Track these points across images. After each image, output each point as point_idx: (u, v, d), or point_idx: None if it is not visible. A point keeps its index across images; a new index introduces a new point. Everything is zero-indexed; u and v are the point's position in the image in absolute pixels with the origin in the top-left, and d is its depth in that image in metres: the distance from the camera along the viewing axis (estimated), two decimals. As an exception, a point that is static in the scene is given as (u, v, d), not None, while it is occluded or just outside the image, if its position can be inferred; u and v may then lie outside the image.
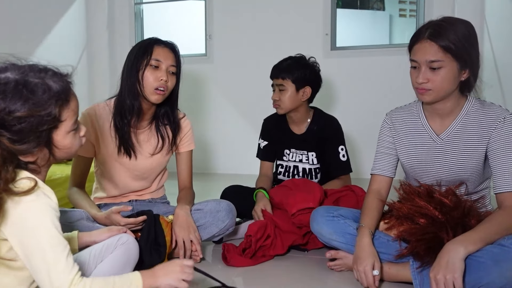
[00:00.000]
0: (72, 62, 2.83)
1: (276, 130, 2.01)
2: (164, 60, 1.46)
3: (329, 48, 3.39)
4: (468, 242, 1.11)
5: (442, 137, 1.33)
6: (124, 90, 1.48)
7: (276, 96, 1.88)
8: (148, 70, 1.45)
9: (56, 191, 2.54)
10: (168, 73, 1.47)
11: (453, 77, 1.21)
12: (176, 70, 1.50)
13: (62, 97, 0.87)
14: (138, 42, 1.53)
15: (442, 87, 1.22)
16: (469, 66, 1.22)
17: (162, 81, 1.44)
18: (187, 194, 1.63)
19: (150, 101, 1.47)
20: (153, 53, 1.46)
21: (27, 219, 0.81)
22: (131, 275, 0.91)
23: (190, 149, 1.68)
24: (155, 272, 0.94)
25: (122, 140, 1.51)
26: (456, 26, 1.20)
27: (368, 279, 1.22)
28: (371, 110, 3.28)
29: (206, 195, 1.91)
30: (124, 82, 1.49)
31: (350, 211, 1.48)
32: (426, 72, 1.22)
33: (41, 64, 0.89)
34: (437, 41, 1.18)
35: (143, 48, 1.48)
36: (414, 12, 3.79)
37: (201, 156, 3.65)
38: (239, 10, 3.59)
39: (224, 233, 1.60)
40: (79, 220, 1.39)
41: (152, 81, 1.44)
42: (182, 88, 1.59)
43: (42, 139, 0.85)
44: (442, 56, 1.18)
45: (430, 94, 1.24)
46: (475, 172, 1.30)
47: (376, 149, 1.47)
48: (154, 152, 1.58)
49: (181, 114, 1.65)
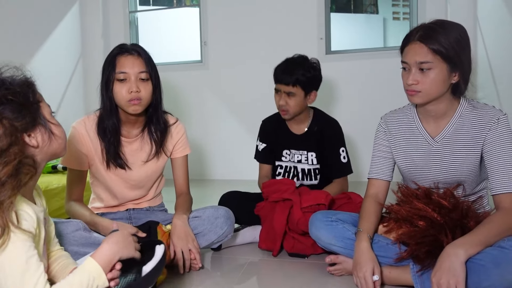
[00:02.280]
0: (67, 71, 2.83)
1: (275, 131, 2.00)
2: (131, 70, 1.40)
3: (324, 52, 3.41)
4: (468, 245, 1.11)
5: (437, 139, 1.33)
6: (103, 108, 1.46)
7: (284, 102, 1.85)
8: (116, 84, 1.40)
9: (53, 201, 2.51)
10: (139, 81, 1.41)
11: (443, 79, 1.21)
12: (149, 75, 1.43)
13: None
14: (108, 54, 1.46)
15: (431, 89, 1.22)
16: (459, 69, 1.22)
17: (132, 93, 1.39)
18: (184, 201, 1.62)
19: (128, 113, 1.45)
20: (116, 66, 1.40)
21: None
22: (86, 266, 0.90)
23: (185, 154, 1.65)
24: (111, 247, 0.95)
25: (109, 156, 1.48)
26: (447, 29, 1.21)
27: (368, 285, 1.22)
28: (367, 114, 3.29)
29: (203, 202, 1.90)
30: (101, 100, 1.46)
31: (349, 215, 1.47)
32: (415, 74, 1.22)
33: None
34: (427, 43, 1.19)
35: (108, 61, 1.43)
36: (408, 15, 3.82)
37: (198, 162, 3.64)
38: (234, 16, 3.60)
39: (223, 240, 1.59)
40: (76, 231, 1.37)
41: (123, 95, 1.39)
42: (178, 94, 1.59)
43: None
44: (431, 58, 1.19)
45: (420, 96, 1.24)
46: (471, 173, 1.30)
47: (372, 153, 1.47)
48: (148, 159, 1.56)
49: (173, 119, 1.63)
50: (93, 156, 1.50)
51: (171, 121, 1.62)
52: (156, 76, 1.48)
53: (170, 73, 3.64)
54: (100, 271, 0.90)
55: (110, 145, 1.47)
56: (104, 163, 1.50)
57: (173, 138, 1.61)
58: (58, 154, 0.98)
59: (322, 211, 1.50)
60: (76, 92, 3.61)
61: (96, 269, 0.90)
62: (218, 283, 1.43)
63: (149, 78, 1.44)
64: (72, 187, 1.52)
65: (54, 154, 0.96)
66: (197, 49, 3.75)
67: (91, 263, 0.90)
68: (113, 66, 1.41)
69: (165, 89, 1.45)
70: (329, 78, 3.37)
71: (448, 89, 1.26)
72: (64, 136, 0.97)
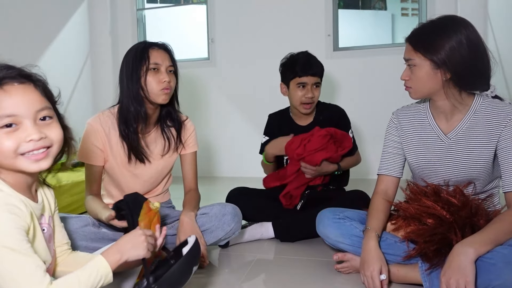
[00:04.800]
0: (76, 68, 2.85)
1: (280, 125, 2.04)
2: (162, 62, 1.48)
3: (331, 49, 3.38)
4: (478, 244, 1.10)
5: (450, 136, 1.31)
6: (127, 98, 1.48)
7: (312, 94, 1.91)
8: (150, 74, 1.46)
9: (63, 197, 2.56)
10: (168, 73, 1.49)
11: (427, 75, 1.23)
12: (174, 69, 1.53)
13: None
14: (131, 48, 1.52)
15: (419, 84, 1.26)
16: (446, 68, 1.20)
17: (165, 82, 1.47)
18: (192, 197, 1.63)
19: (157, 102, 1.49)
20: (150, 58, 1.46)
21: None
22: (96, 261, 0.89)
23: (194, 151, 1.69)
24: (120, 247, 0.93)
25: (131, 147, 1.51)
26: (437, 27, 1.22)
27: (375, 283, 1.21)
28: (375, 110, 3.26)
29: (211, 199, 1.91)
30: (126, 90, 1.48)
31: (357, 213, 1.47)
32: (407, 70, 1.29)
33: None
34: (410, 42, 1.27)
35: (139, 54, 1.47)
36: (417, 11, 3.77)
37: (205, 160, 3.65)
38: (241, 13, 3.59)
39: (230, 236, 1.59)
40: (85, 226, 1.39)
41: (156, 85, 1.46)
42: (186, 92, 1.60)
43: None
44: (413, 55, 1.25)
45: (412, 92, 1.31)
46: (484, 171, 1.28)
47: (383, 149, 1.46)
48: (163, 153, 1.59)
49: (184, 117, 1.67)
50: (108, 152, 1.52)
51: (183, 118, 1.65)
52: (178, 73, 1.56)
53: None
54: (108, 270, 0.89)
55: (131, 134, 1.49)
56: (125, 157, 1.52)
57: (185, 135, 1.65)
58: (8, 166, 0.84)
59: (330, 209, 1.50)
60: (85, 89, 3.64)
61: (105, 268, 0.89)
62: (225, 280, 1.44)
63: (174, 72, 1.53)
64: (90, 182, 1.54)
65: (3, 164, 0.84)
66: (204, 47, 3.76)
67: (102, 262, 0.89)
68: (145, 57, 1.46)
69: (172, 86, 1.49)
70: (337, 75, 3.35)
71: (444, 86, 1.24)
72: (4, 151, 0.81)
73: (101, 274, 0.88)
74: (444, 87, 1.24)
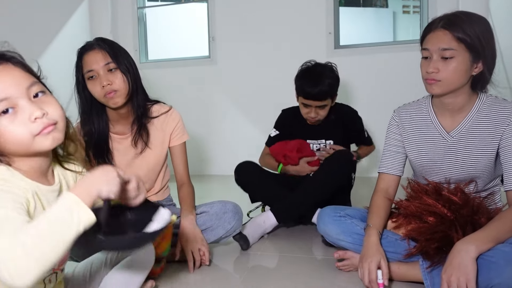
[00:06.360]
0: (76, 67, 2.72)
1: (292, 122, 2.07)
2: (96, 65, 1.38)
3: (332, 46, 3.37)
4: (480, 242, 1.09)
5: (453, 134, 1.30)
6: (81, 109, 1.45)
7: (315, 114, 1.94)
8: (89, 84, 1.41)
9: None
10: (108, 74, 1.38)
11: (465, 69, 1.18)
12: (115, 64, 1.39)
13: None
14: None
15: (452, 78, 1.19)
16: (482, 60, 1.19)
17: (104, 87, 1.38)
18: (187, 193, 1.58)
19: (111, 108, 1.44)
20: (83, 66, 1.40)
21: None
22: (65, 199, 0.74)
23: (183, 141, 1.61)
24: (92, 180, 0.79)
25: (98, 157, 1.47)
26: (472, 19, 1.19)
27: (371, 275, 1.19)
28: (376, 108, 3.25)
29: (211, 197, 1.90)
30: (80, 101, 1.46)
31: (358, 210, 1.47)
32: (437, 62, 1.19)
33: None
34: (451, 30, 1.16)
35: (76, 63, 1.44)
36: (418, 9, 3.76)
37: (205, 158, 3.65)
38: (242, 11, 3.58)
39: (231, 234, 1.59)
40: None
41: (99, 92, 1.40)
42: (186, 90, 1.58)
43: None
44: (455, 45, 1.16)
45: (439, 86, 1.21)
46: (486, 170, 1.28)
47: (384, 147, 1.45)
48: (143, 150, 1.53)
49: (166, 107, 1.57)
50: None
51: (163, 110, 1.56)
52: (127, 63, 1.43)
53: (178, 68, 3.64)
54: (76, 199, 0.73)
55: (97, 146, 1.45)
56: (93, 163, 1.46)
57: (169, 127, 1.56)
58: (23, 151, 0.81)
59: (330, 206, 1.50)
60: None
61: (71, 197, 0.74)
62: (226, 277, 1.44)
63: (117, 68, 1.40)
64: None
65: (16, 152, 0.81)
66: (205, 45, 3.75)
67: (65, 195, 0.75)
68: (80, 66, 1.42)
69: (173, 85, 1.46)
70: (338, 72, 3.33)
71: (468, 81, 1.23)
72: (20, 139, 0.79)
73: (69, 204, 0.73)
74: (468, 82, 1.23)
